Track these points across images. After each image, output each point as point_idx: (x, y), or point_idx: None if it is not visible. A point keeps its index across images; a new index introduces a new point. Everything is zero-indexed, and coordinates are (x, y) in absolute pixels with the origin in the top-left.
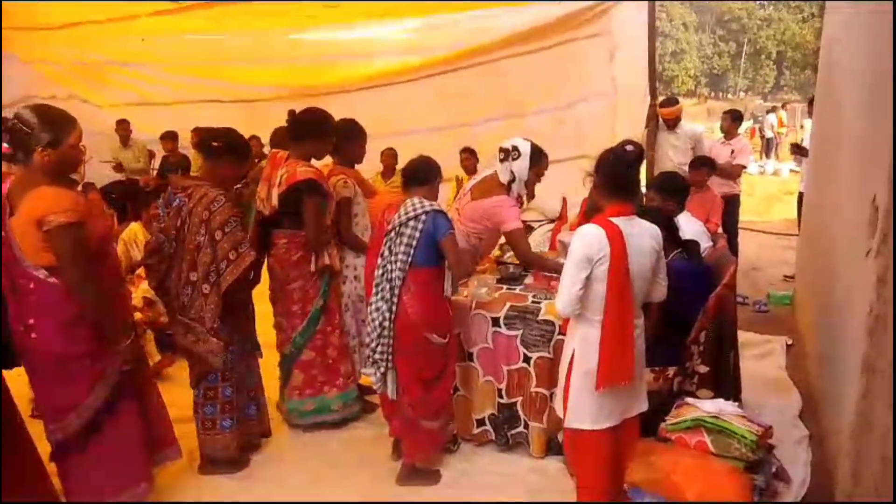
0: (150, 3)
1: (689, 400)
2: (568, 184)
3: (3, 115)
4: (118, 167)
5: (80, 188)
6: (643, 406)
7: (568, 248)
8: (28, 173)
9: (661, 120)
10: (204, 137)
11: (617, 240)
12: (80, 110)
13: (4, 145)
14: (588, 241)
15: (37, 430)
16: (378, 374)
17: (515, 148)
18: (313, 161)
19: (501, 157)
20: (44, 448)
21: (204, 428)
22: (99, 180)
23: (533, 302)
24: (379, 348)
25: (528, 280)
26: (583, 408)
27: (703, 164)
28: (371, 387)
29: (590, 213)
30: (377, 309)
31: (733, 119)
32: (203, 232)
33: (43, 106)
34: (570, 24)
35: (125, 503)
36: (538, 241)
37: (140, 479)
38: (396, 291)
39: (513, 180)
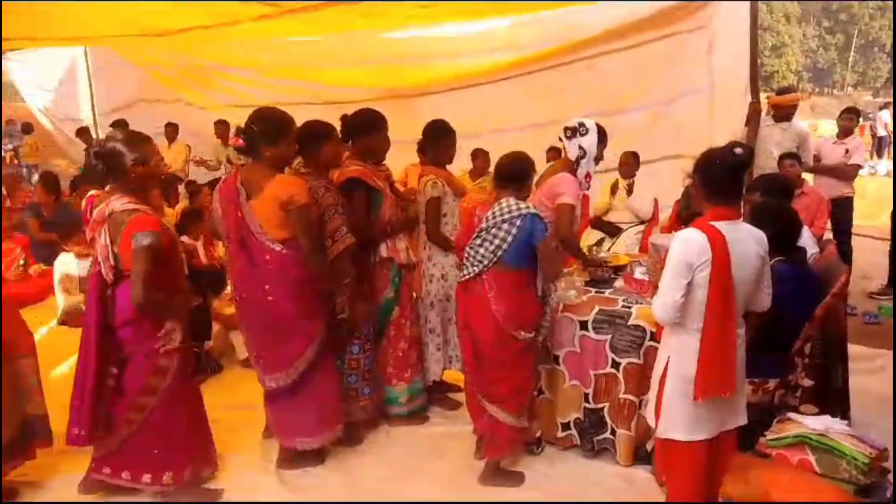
0: (254, 6)
1: (792, 415)
2: (660, 184)
3: (122, 118)
4: (206, 164)
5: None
6: (742, 420)
7: (660, 250)
8: (257, 165)
9: (767, 114)
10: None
11: (720, 245)
12: (185, 112)
13: (241, 140)
14: (689, 246)
15: None
16: None
17: (582, 124)
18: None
19: (568, 134)
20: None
21: (348, 396)
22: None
23: (623, 306)
24: None
25: (619, 283)
26: (676, 418)
27: (788, 157)
28: (455, 384)
29: (684, 214)
30: None
31: (851, 116)
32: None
33: (268, 109)
34: (668, 19)
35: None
36: (628, 243)
37: (337, 422)
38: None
39: (582, 156)
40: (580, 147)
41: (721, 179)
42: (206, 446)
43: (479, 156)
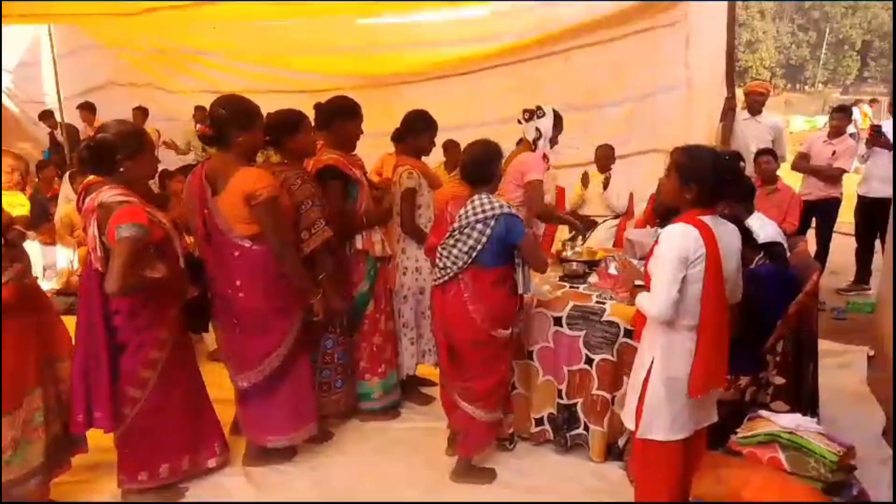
0: None
1: (763, 413)
2: (636, 179)
3: (89, 101)
4: (176, 148)
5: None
6: (713, 418)
7: (636, 245)
8: (224, 157)
9: (742, 108)
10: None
11: (711, 239)
12: (156, 96)
13: (204, 127)
14: (684, 240)
15: None
16: None
17: (539, 108)
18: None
19: (527, 116)
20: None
21: (321, 391)
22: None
23: (597, 302)
24: None
25: (593, 279)
26: (659, 419)
27: (764, 154)
28: (428, 378)
29: (659, 210)
30: None
31: (842, 116)
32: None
33: (234, 96)
34: (643, 15)
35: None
36: (603, 237)
37: (310, 420)
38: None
39: (538, 137)
40: (537, 129)
41: (715, 183)
42: (207, 435)
43: (451, 147)
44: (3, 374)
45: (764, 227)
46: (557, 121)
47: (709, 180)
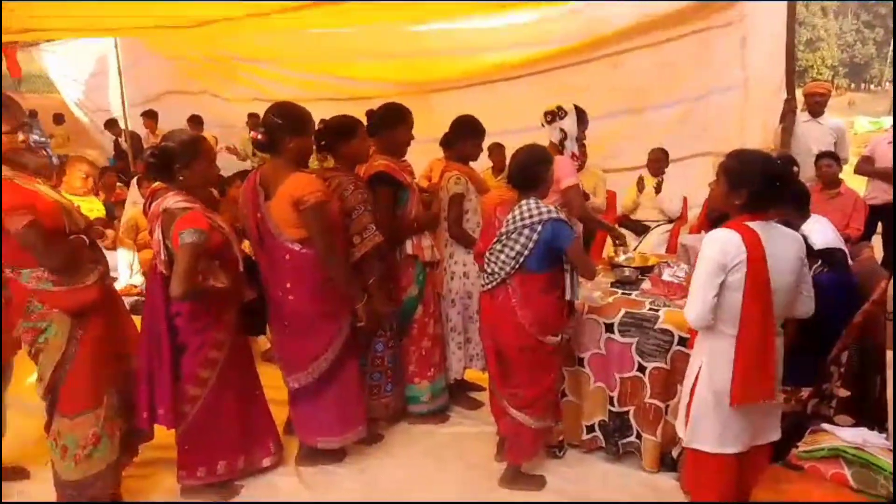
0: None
1: (826, 426)
2: (690, 183)
3: (152, 109)
4: (238, 152)
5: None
6: (775, 435)
7: (690, 251)
8: (276, 162)
9: (802, 110)
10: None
11: (755, 245)
12: (211, 104)
13: (257, 134)
14: (722, 246)
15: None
16: None
17: (560, 108)
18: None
19: (548, 119)
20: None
21: (371, 394)
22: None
23: (650, 309)
24: None
25: (646, 285)
26: (706, 428)
27: (825, 157)
28: (476, 383)
29: (713, 215)
30: None
31: None
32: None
33: (287, 103)
34: (698, 15)
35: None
36: (655, 242)
37: (359, 423)
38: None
39: (564, 138)
40: (560, 130)
41: (765, 189)
42: (262, 435)
43: (497, 151)
44: (87, 372)
45: (821, 233)
46: (581, 118)
47: (758, 185)
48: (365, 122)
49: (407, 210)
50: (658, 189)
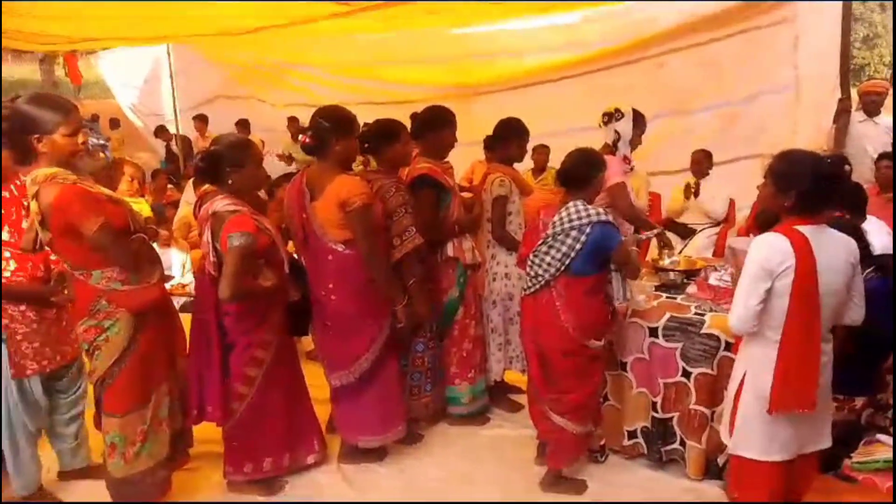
0: (327, 6)
1: (882, 437)
2: (738, 185)
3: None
4: (288, 159)
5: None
6: (825, 443)
7: (738, 254)
8: (322, 165)
9: (857, 109)
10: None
11: (804, 250)
12: (257, 108)
13: (305, 137)
14: (768, 251)
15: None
16: None
17: (618, 110)
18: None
19: (605, 120)
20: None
21: (411, 394)
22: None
23: (696, 314)
24: None
25: (691, 289)
26: (752, 435)
27: (884, 158)
28: (516, 385)
29: (762, 218)
30: None
31: None
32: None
33: (333, 107)
34: (746, 14)
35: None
36: (701, 246)
37: (399, 423)
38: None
39: (618, 139)
40: (615, 131)
41: (815, 190)
42: (307, 433)
43: (540, 151)
44: (139, 370)
45: (879, 236)
46: (638, 121)
47: (807, 186)
48: (408, 126)
49: (448, 213)
50: (696, 192)
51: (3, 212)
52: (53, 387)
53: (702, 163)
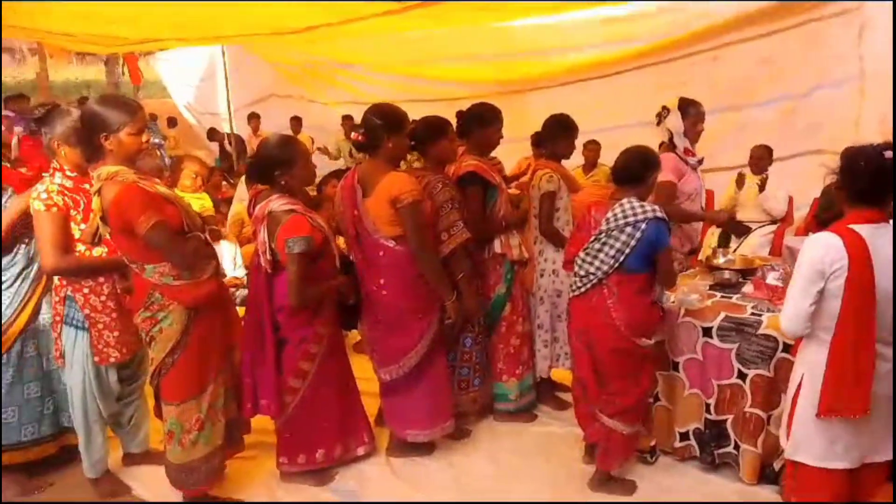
0: (379, 4)
1: None
2: (796, 182)
3: (255, 111)
4: (329, 153)
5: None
6: (889, 454)
7: (795, 253)
8: (374, 162)
9: None
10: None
11: (858, 250)
12: (308, 107)
13: (361, 136)
14: (820, 251)
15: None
16: None
17: (664, 108)
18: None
19: (657, 121)
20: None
21: (459, 388)
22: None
23: (753, 314)
24: None
25: (747, 288)
26: (809, 440)
27: None
28: (563, 383)
29: (822, 216)
30: None
31: None
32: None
33: (385, 104)
34: (806, 6)
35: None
36: (757, 244)
37: (447, 418)
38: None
39: (671, 136)
40: (666, 129)
41: (866, 182)
42: (356, 425)
43: (590, 147)
44: (194, 362)
45: None
46: (687, 111)
47: (865, 181)
48: (455, 123)
49: (496, 209)
50: (762, 187)
51: (83, 207)
52: (120, 375)
53: (762, 159)
